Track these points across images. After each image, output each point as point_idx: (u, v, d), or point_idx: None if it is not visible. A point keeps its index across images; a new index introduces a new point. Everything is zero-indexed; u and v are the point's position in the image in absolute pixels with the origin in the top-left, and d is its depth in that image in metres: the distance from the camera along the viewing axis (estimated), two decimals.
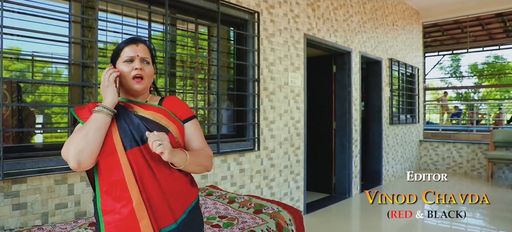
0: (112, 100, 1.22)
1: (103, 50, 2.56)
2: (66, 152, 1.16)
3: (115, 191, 1.18)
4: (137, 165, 1.20)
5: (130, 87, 1.30)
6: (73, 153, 1.14)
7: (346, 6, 5.03)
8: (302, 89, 4.20)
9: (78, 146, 1.14)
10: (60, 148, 2.20)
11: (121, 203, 1.18)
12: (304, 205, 4.24)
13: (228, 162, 3.22)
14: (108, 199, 1.19)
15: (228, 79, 3.51)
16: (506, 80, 18.30)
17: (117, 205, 1.18)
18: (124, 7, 2.58)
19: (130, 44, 1.31)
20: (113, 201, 1.18)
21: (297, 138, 4.13)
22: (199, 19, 3.21)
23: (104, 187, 1.19)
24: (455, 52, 14.29)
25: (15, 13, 2.09)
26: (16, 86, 2.16)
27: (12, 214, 1.93)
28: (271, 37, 3.70)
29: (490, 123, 10.33)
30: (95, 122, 1.18)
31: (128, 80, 1.29)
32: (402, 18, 6.88)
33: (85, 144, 1.15)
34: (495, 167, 6.75)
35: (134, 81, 1.29)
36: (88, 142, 1.15)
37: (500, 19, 9.56)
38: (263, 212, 2.20)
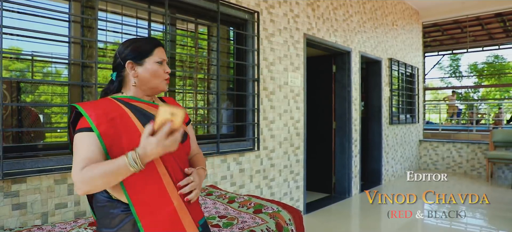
0: (154, 158, 1.12)
1: (102, 50, 2.56)
2: (80, 179, 1.09)
3: (152, 196, 1.18)
4: (173, 170, 1.23)
5: (159, 87, 1.31)
6: (86, 188, 1.11)
7: (346, 6, 5.03)
8: (302, 89, 4.20)
9: (94, 182, 1.09)
10: (60, 148, 2.22)
11: (161, 206, 1.18)
12: (304, 205, 4.24)
13: (227, 162, 3.22)
14: (144, 205, 1.17)
15: (227, 79, 3.51)
16: (506, 80, 18.30)
17: (156, 208, 1.18)
18: (124, 7, 2.58)
19: (160, 46, 1.33)
20: (152, 206, 1.17)
21: (297, 138, 4.13)
22: (199, 19, 3.21)
23: (140, 194, 1.17)
24: (454, 52, 14.29)
25: (15, 13, 2.09)
26: (16, 86, 2.15)
27: (12, 214, 1.93)
28: (271, 37, 3.70)
29: (489, 123, 10.34)
30: (122, 173, 1.09)
31: (160, 81, 1.30)
32: (402, 18, 6.88)
33: (102, 184, 1.12)
34: (494, 167, 6.75)
35: (164, 82, 1.32)
36: (106, 183, 1.12)
37: (500, 19, 9.57)
38: (262, 212, 2.20)
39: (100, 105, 1.20)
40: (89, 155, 1.12)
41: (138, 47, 1.29)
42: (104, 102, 1.22)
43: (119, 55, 1.28)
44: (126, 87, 1.30)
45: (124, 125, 1.19)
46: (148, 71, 1.27)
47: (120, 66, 1.28)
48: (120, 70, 1.29)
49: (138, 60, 1.27)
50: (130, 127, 1.19)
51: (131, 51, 1.28)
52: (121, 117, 1.19)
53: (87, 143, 1.14)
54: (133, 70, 1.27)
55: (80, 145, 1.14)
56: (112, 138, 1.15)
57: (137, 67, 1.27)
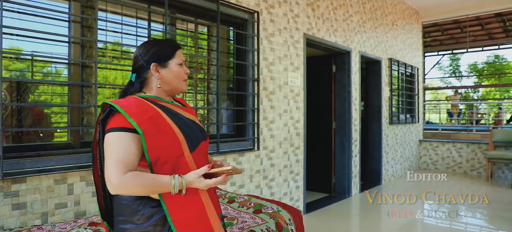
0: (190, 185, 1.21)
1: (102, 49, 2.56)
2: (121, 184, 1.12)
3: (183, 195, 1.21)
4: (201, 165, 1.27)
5: (180, 88, 1.37)
6: (124, 192, 1.15)
7: (345, 5, 5.03)
8: (302, 89, 4.20)
9: (134, 190, 1.15)
10: (59, 148, 2.22)
11: (190, 202, 1.23)
12: (304, 205, 4.24)
13: (227, 162, 3.22)
14: (175, 202, 1.20)
15: (227, 79, 3.51)
16: (506, 80, 18.31)
17: (186, 205, 1.22)
18: (123, 6, 2.58)
19: (179, 48, 1.38)
20: (182, 204, 1.21)
21: (297, 138, 4.13)
22: (198, 18, 3.21)
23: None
24: (454, 52, 14.29)
25: (15, 13, 2.09)
26: (16, 86, 2.15)
27: (11, 214, 1.93)
28: (270, 37, 3.70)
29: (489, 122, 10.34)
30: (163, 191, 1.17)
31: (181, 81, 1.36)
32: (402, 18, 6.88)
33: (140, 193, 1.18)
34: (494, 167, 6.75)
35: (185, 82, 1.38)
36: (144, 193, 1.18)
37: (500, 18, 9.57)
38: (262, 212, 2.20)
39: (134, 103, 1.22)
40: (128, 158, 1.15)
41: (161, 50, 1.33)
42: (136, 101, 1.23)
43: (142, 57, 1.32)
44: (147, 88, 1.33)
45: (160, 125, 1.22)
46: (172, 72, 1.33)
47: (142, 68, 1.31)
48: (142, 72, 1.32)
49: (163, 62, 1.32)
50: (165, 127, 1.22)
51: (154, 53, 1.32)
52: (156, 117, 1.22)
53: (125, 144, 1.16)
54: (158, 72, 1.31)
55: (118, 145, 1.15)
56: (152, 136, 1.18)
57: (161, 69, 1.32)
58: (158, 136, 1.19)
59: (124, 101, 1.22)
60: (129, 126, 1.17)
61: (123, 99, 1.25)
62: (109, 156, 1.15)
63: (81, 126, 2.33)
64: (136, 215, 1.21)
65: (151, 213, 1.21)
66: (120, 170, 1.12)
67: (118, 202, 1.26)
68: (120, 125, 1.17)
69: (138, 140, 1.18)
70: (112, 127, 1.18)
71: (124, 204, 1.23)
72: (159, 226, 1.20)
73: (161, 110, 1.26)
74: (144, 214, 1.21)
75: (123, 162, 1.13)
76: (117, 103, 1.20)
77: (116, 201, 1.27)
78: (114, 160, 1.13)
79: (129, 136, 1.16)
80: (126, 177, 1.12)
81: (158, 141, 1.18)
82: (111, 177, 1.12)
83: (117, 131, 1.17)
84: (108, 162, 1.14)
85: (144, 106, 1.22)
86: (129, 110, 1.18)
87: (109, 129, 1.18)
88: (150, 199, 1.21)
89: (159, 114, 1.24)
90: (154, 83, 1.32)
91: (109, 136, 1.17)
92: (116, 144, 1.15)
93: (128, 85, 1.35)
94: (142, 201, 1.21)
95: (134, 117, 1.16)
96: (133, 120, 1.16)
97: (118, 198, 1.25)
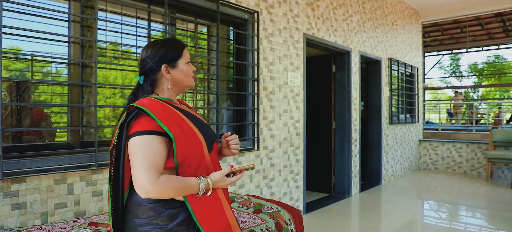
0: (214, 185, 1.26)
1: (102, 49, 2.56)
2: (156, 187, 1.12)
3: (205, 196, 1.25)
4: (216, 165, 1.33)
5: (190, 85, 1.40)
6: (156, 195, 1.15)
7: (345, 5, 5.03)
8: (302, 88, 4.20)
9: (166, 193, 1.16)
10: (59, 148, 2.22)
11: (212, 203, 1.27)
12: (304, 204, 4.25)
13: (227, 162, 3.22)
14: (199, 204, 1.24)
15: (227, 78, 3.51)
16: (506, 80, 18.31)
17: (209, 205, 1.26)
18: (123, 6, 2.58)
19: (185, 47, 1.40)
20: (205, 204, 1.25)
21: (297, 137, 4.13)
22: (198, 18, 3.21)
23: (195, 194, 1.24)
24: (454, 52, 14.30)
25: (14, 12, 2.09)
26: (16, 86, 2.15)
27: (11, 214, 1.93)
28: (270, 37, 3.70)
29: (489, 122, 10.34)
30: (191, 192, 1.20)
31: (190, 78, 1.39)
32: (402, 18, 6.88)
33: (171, 195, 1.19)
34: (494, 167, 6.76)
35: (193, 79, 1.40)
36: (174, 195, 1.19)
37: (500, 18, 9.58)
38: (262, 212, 2.20)
39: (159, 106, 1.21)
40: (159, 161, 1.16)
41: (169, 50, 1.34)
42: (159, 103, 1.23)
43: (151, 60, 1.31)
44: (159, 89, 1.33)
45: (184, 128, 1.23)
46: (182, 72, 1.35)
47: (152, 70, 1.31)
48: (151, 74, 1.32)
49: (172, 63, 1.33)
50: (189, 130, 1.24)
51: (163, 54, 1.32)
52: (180, 119, 1.24)
53: (155, 147, 1.16)
54: (168, 73, 1.32)
55: (148, 149, 1.15)
56: (181, 139, 1.19)
57: (172, 69, 1.33)
58: (184, 139, 1.20)
59: (150, 103, 1.21)
60: (158, 129, 1.17)
61: (147, 100, 1.23)
62: (139, 160, 1.14)
63: (81, 126, 2.33)
64: (161, 216, 1.22)
65: (176, 213, 1.23)
66: (153, 174, 1.12)
67: (136, 205, 1.24)
68: (148, 128, 1.17)
69: (166, 143, 1.19)
70: (139, 130, 1.17)
71: (145, 207, 1.22)
72: (183, 226, 1.23)
73: (180, 112, 1.27)
74: (170, 214, 1.22)
75: (155, 166, 1.14)
76: (144, 106, 1.19)
77: (134, 205, 1.25)
78: (145, 164, 1.13)
79: (159, 139, 1.17)
80: (160, 181, 1.13)
81: (185, 144, 1.20)
82: (143, 181, 1.12)
83: (146, 134, 1.16)
84: (139, 166, 1.13)
85: (168, 109, 1.23)
86: (158, 113, 1.18)
87: (136, 132, 1.17)
88: (174, 200, 1.23)
89: (181, 116, 1.25)
90: (165, 84, 1.33)
91: (137, 140, 1.16)
92: (146, 147, 1.15)
93: (137, 87, 1.34)
94: (167, 203, 1.22)
95: (164, 120, 1.17)
96: (163, 124, 1.16)
97: (137, 202, 1.24)
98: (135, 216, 1.24)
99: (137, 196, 1.23)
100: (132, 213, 1.25)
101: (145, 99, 1.24)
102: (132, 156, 1.17)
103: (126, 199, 1.27)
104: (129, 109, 1.22)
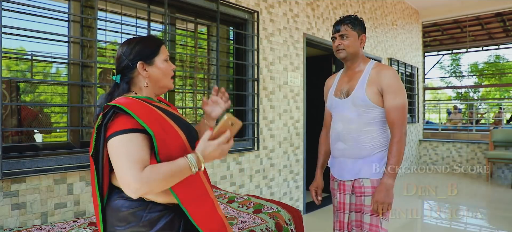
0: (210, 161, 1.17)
1: (102, 49, 2.56)
2: (143, 180, 1.04)
3: (195, 193, 1.21)
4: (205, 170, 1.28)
5: (167, 86, 1.32)
6: (146, 190, 1.06)
7: (345, 5, 5.03)
8: (302, 88, 4.20)
9: (156, 184, 1.07)
10: (59, 148, 2.22)
11: (202, 200, 1.22)
12: (304, 204, 4.24)
13: (227, 162, 3.22)
14: (190, 200, 1.18)
15: (227, 78, 3.51)
16: (506, 80, 18.31)
17: (200, 203, 1.21)
18: (123, 6, 2.58)
19: (163, 44, 1.32)
20: (196, 201, 1.20)
21: (297, 137, 4.13)
22: (198, 18, 3.21)
23: (186, 190, 1.17)
24: (454, 52, 14.29)
25: (14, 12, 2.09)
26: (16, 86, 2.15)
27: (11, 214, 1.93)
28: (270, 37, 3.70)
29: (489, 122, 10.34)
30: (183, 175, 1.11)
31: (169, 79, 1.31)
32: (402, 18, 6.88)
33: (162, 186, 1.10)
34: (494, 167, 6.75)
35: (171, 80, 1.32)
36: (165, 185, 1.10)
37: (500, 18, 9.56)
38: (262, 212, 2.20)
39: (137, 104, 1.15)
40: (143, 156, 1.08)
41: (145, 47, 1.27)
42: (136, 101, 1.16)
43: (126, 57, 1.25)
44: (136, 88, 1.27)
45: (165, 126, 1.16)
46: (160, 70, 1.27)
47: (128, 67, 1.24)
48: (128, 72, 1.25)
49: (149, 60, 1.26)
50: (169, 128, 1.17)
51: (139, 51, 1.25)
52: (160, 118, 1.16)
53: (137, 144, 1.09)
54: (145, 71, 1.25)
55: (130, 147, 1.08)
56: (162, 137, 1.12)
57: (148, 67, 1.26)
58: (165, 136, 1.14)
59: (127, 102, 1.14)
60: (138, 127, 1.10)
61: (124, 99, 1.16)
62: (122, 160, 1.07)
63: (81, 126, 2.33)
64: (142, 222, 1.15)
65: (158, 217, 1.16)
66: (138, 169, 1.05)
67: (114, 212, 1.17)
68: (128, 126, 1.10)
69: (148, 140, 1.12)
70: (118, 130, 1.10)
71: (124, 213, 1.16)
72: (166, 230, 1.17)
73: (160, 110, 1.20)
74: (151, 219, 1.16)
75: (139, 161, 1.06)
76: (121, 104, 1.12)
77: (112, 212, 1.18)
78: (128, 162, 1.06)
79: (140, 136, 1.10)
80: (145, 174, 1.05)
81: (167, 143, 1.13)
82: (129, 180, 1.04)
83: (125, 133, 1.09)
84: (122, 166, 1.07)
85: (147, 107, 1.16)
86: (137, 111, 1.11)
87: (115, 132, 1.10)
88: (155, 203, 1.17)
89: (161, 114, 1.18)
90: (142, 83, 1.26)
91: (117, 140, 1.09)
92: (127, 146, 1.08)
93: (113, 87, 1.27)
94: (148, 206, 1.16)
95: (143, 118, 1.10)
96: (142, 121, 1.10)
97: (116, 208, 1.17)
98: (113, 225, 1.18)
99: (116, 202, 1.17)
100: (110, 221, 1.19)
101: (122, 98, 1.18)
102: (113, 158, 1.09)
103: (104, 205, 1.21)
104: (105, 109, 1.15)
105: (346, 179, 1.89)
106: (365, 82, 1.81)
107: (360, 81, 1.83)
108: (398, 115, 1.75)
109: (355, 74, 1.89)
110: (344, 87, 1.91)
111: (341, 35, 1.87)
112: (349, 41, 1.86)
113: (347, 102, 1.85)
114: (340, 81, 1.98)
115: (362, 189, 1.83)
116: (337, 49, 1.89)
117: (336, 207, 1.97)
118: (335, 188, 2.01)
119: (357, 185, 1.85)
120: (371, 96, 1.78)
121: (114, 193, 1.19)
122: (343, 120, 1.88)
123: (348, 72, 1.94)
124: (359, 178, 1.84)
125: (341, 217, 1.91)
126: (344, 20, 1.88)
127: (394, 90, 1.76)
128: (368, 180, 1.82)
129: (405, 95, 1.80)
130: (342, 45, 1.87)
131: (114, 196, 1.18)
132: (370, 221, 1.81)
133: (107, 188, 1.20)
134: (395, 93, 1.76)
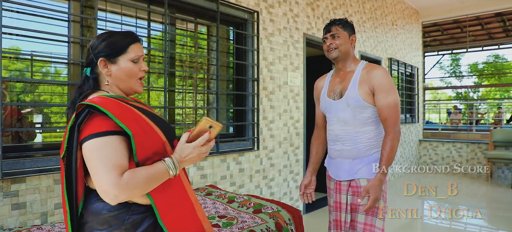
0: (188, 165, 1.13)
1: None
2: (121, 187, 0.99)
3: (173, 195, 1.15)
4: (185, 170, 1.22)
5: (133, 89, 1.21)
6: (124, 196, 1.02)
7: (345, 5, 5.03)
8: (302, 88, 4.20)
9: (135, 190, 1.03)
10: (59, 148, 2.21)
11: (180, 202, 1.17)
12: (304, 204, 4.24)
13: (227, 162, 3.22)
14: (166, 204, 1.13)
15: (227, 78, 3.51)
16: (506, 80, 18.31)
17: (177, 205, 1.15)
18: (123, 6, 2.58)
19: (136, 42, 1.21)
20: (173, 204, 1.15)
21: (297, 137, 4.13)
22: (198, 18, 3.21)
23: (162, 194, 1.12)
24: (454, 52, 14.29)
25: (14, 12, 2.09)
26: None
27: (11, 214, 1.93)
28: (270, 37, 3.70)
29: (489, 122, 10.34)
30: (161, 179, 1.08)
31: (134, 81, 1.20)
32: (402, 18, 6.88)
33: (141, 192, 1.05)
34: (494, 167, 6.75)
35: (138, 82, 1.21)
36: (144, 190, 1.06)
37: (500, 18, 9.57)
38: (262, 212, 2.20)
39: (113, 103, 1.08)
40: (121, 162, 1.03)
41: (112, 43, 1.16)
42: (112, 100, 1.10)
43: (92, 51, 1.16)
44: (102, 85, 1.18)
45: (143, 125, 1.10)
46: (122, 70, 1.16)
47: (92, 62, 1.16)
48: (93, 67, 1.17)
49: (112, 58, 1.16)
50: (148, 127, 1.11)
51: (104, 47, 1.16)
52: (137, 116, 1.10)
53: (115, 148, 1.03)
54: (106, 68, 1.16)
55: (107, 151, 1.02)
56: (140, 137, 1.06)
57: (110, 65, 1.16)
58: (144, 136, 1.07)
59: (102, 101, 1.06)
60: (115, 129, 1.04)
61: (98, 98, 1.09)
62: (99, 165, 1.01)
63: None
64: (125, 225, 1.09)
65: (141, 219, 1.11)
66: (116, 175, 1.00)
67: (94, 215, 1.10)
68: (104, 128, 1.03)
69: (126, 142, 1.06)
70: (93, 132, 1.03)
71: (105, 216, 1.09)
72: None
73: (136, 109, 1.13)
74: (134, 221, 1.10)
75: (117, 167, 1.01)
76: (97, 104, 1.04)
77: (92, 215, 1.11)
78: (105, 168, 1.00)
79: (118, 139, 1.04)
80: (124, 180, 1.00)
81: (145, 142, 1.07)
82: (107, 187, 0.99)
83: (103, 135, 1.03)
84: (99, 172, 1.00)
85: (123, 106, 1.09)
86: (114, 111, 1.04)
87: (91, 135, 1.03)
88: (138, 205, 1.11)
89: (138, 113, 1.11)
90: (104, 81, 1.17)
91: (93, 143, 1.02)
92: (105, 150, 1.02)
93: (84, 80, 1.19)
94: (130, 208, 1.10)
95: (121, 118, 1.04)
96: (120, 122, 1.03)
97: (96, 211, 1.10)
98: (93, 228, 1.11)
99: (95, 205, 1.10)
100: (89, 225, 1.11)
101: (96, 97, 1.11)
102: (90, 163, 1.03)
103: (81, 209, 1.12)
104: (78, 108, 1.07)
105: (343, 179, 1.89)
106: (357, 82, 1.81)
107: (352, 82, 1.83)
108: (391, 113, 1.76)
109: (347, 75, 1.89)
110: (336, 88, 1.91)
111: (332, 35, 1.87)
112: (340, 40, 1.86)
113: (342, 103, 1.85)
114: (331, 82, 1.97)
115: (358, 189, 1.83)
116: (328, 49, 1.89)
117: (332, 207, 1.97)
118: (331, 187, 2.01)
119: (354, 184, 1.85)
120: (364, 96, 1.79)
121: (92, 195, 1.12)
122: (339, 122, 1.88)
123: (340, 73, 1.94)
124: (356, 178, 1.84)
125: (338, 216, 1.91)
126: (334, 22, 1.90)
127: (386, 89, 1.76)
128: (365, 180, 1.82)
129: (397, 93, 1.80)
130: (333, 44, 1.87)
131: (93, 199, 1.11)
132: (364, 220, 1.82)
133: (83, 192, 1.13)
134: (387, 92, 1.76)
